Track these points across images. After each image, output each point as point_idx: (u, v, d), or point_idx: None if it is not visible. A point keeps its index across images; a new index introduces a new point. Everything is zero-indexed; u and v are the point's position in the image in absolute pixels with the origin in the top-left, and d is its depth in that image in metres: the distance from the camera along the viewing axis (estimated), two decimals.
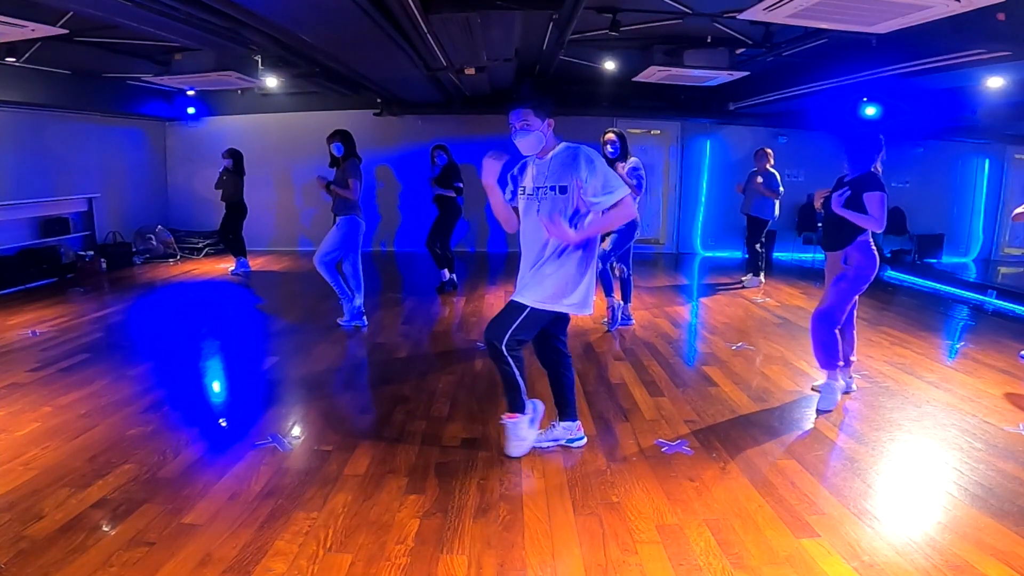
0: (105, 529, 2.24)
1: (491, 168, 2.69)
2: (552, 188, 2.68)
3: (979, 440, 3.07)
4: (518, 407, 2.81)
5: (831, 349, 3.48)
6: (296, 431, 3.12)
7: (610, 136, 4.69)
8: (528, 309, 2.68)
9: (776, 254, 9.70)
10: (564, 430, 2.94)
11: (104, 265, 7.59)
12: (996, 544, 2.20)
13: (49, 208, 7.31)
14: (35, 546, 2.12)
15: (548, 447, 2.91)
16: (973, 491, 2.58)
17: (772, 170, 6.76)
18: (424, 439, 3.03)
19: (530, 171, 2.79)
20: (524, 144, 2.67)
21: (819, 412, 3.42)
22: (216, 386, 3.88)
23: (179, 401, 3.51)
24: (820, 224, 3.69)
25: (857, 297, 3.55)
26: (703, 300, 6.57)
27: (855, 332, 3.77)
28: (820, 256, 9.57)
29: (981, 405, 3.55)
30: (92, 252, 7.66)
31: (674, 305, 6.26)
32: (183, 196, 9.39)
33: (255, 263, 7.98)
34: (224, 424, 3.23)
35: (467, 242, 9.57)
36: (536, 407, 2.88)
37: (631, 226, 4.75)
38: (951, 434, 3.16)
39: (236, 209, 7.44)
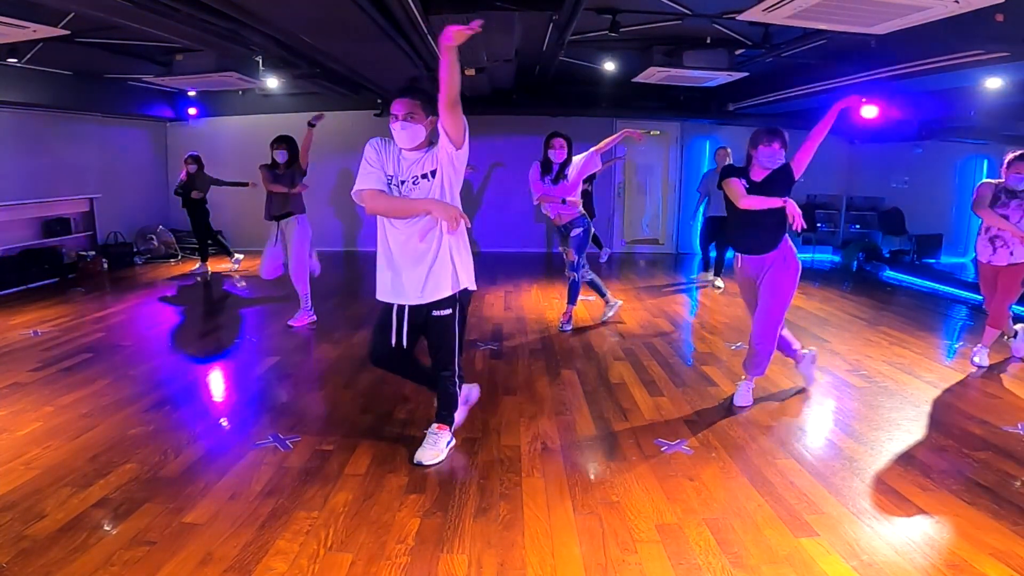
0: (106, 528, 2.24)
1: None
2: (424, 176, 2.57)
3: (977, 440, 3.08)
4: (450, 421, 2.85)
5: (786, 345, 3.60)
6: (296, 431, 3.13)
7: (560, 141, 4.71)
8: (451, 314, 2.68)
9: None
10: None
11: (105, 265, 7.61)
12: (995, 543, 2.21)
13: (51, 208, 7.33)
14: (37, 545, 2.13)
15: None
16: (972, 490, 2.58)
17: None
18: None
19: (393, 159, 2.62)
20: (405, 136, 2.54)
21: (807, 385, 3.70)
22: (217, 386, 3.88)
23: (180, 401, 3.52)
24: (731, 225, 3.46)
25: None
26: (702, 300, 6.58)
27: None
28: (820, 256, 9.66)
29: (980, 405, 3.56)
30: (93, 252, 7.67)
31: (674, 305, 6.27)
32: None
33: (255, 263, 7.99)
34: (225, 424, 3.24)
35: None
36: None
37: (588, 229, 4.95)
38: (950, 434, 3.16)
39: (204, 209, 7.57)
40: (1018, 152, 3.99)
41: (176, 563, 2.06)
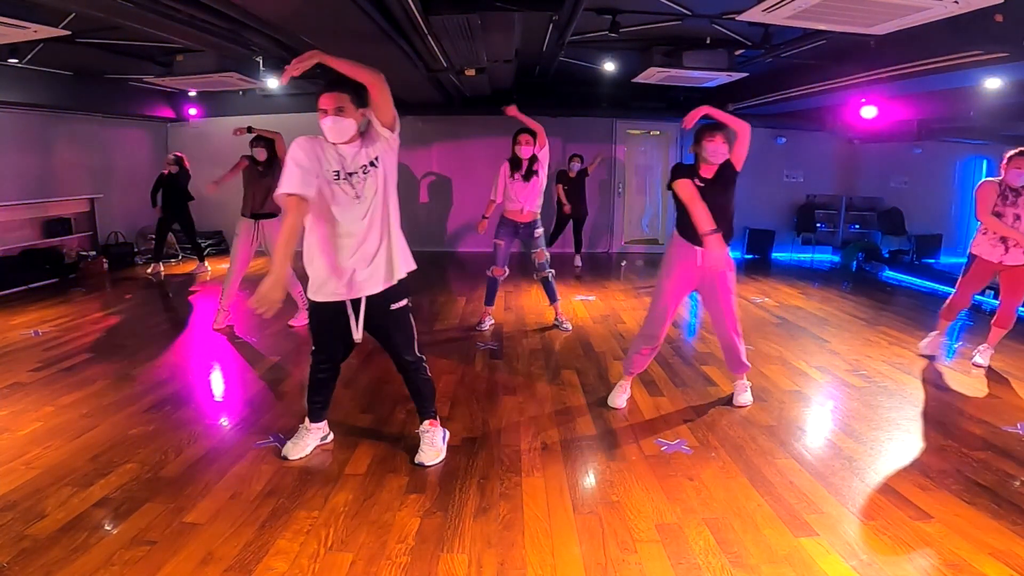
0: (107, 528, 2.25)
1: None
2: (372, 163, 2.53)
3: (977, 440, 3.09)
4: (435, 413, 2.85)
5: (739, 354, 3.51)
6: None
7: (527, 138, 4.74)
8: (407, 304, 2.69)
9: (775, 254, 9.73)
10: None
11: (106, 265, 7.62)
12: (994, 543, 2.21)
13: (51, 208, 7.33)
14: (37, 545, 2.13)
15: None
16: (971, 490, 2.59)
17: None
18: None
19: (330, 155, 2.51)
20: (335, 131, 2.46)
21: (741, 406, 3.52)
22: (217, 386, 3.89)
23: (181, 401, 3.52)
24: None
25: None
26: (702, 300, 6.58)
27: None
28: (819, 256, 9.67)
29: (980, 405, 3.56)
30: (94, 252, 7.68)
31: None
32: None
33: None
34: (225, 424, 3.25)
35: (464, 242, 9.58)
36: None
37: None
38: (949, 434, 3.17)
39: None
40: (1019, 149, 3.97)
41: (177, 563, 2.06)
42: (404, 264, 2.67)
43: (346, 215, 2.51)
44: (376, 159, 2.53)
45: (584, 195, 8.25)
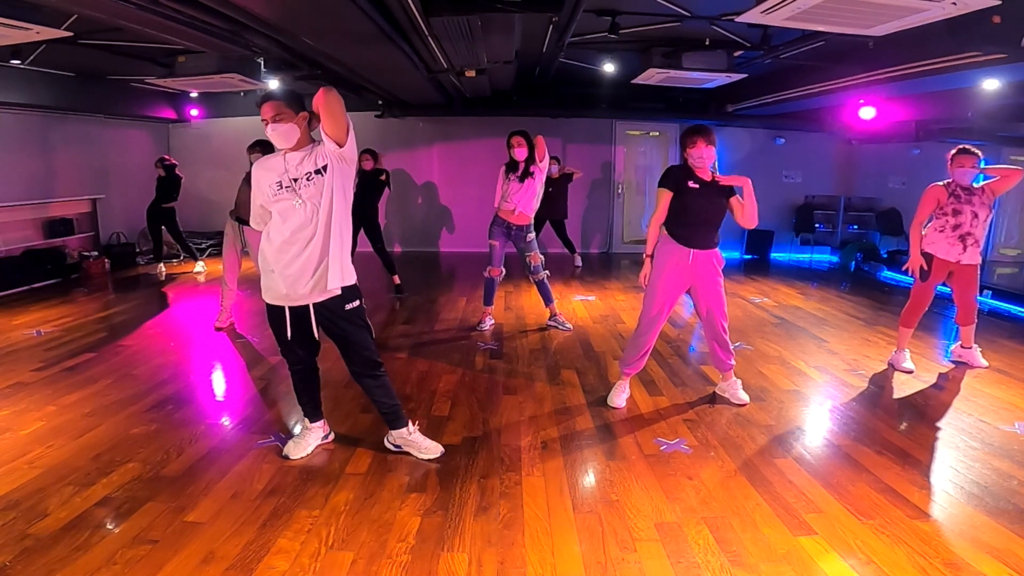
0: (109, 527, 2.26)
1: None
2: (317, 171, 2.53)
3: (975, 439, 3.10)
4: (405, 416, 2.83)
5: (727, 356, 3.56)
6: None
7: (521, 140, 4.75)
8: (359, 304, 2.70)
9: (773, 255, 9.75)
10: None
11: (108, 265, 7.65)
12: (991, 542, 2.23)
13: (54, 209, 7.35)
14: (39, 544, 2.15)
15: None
16: (969, 489, 2.60)
17: None
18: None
19: (282, 168, 2.56)
20: (279, 137, 2.51)
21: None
22: (219, 385, 3.90)
23: (182, 400, 3.54)
24: (689, 218, 3.31)
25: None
26: None
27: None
28: (818, 256, 9.68)
29: (977, 404, 3.57)
30: (96, 252, 7.70)
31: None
32: (186, 197, 9.42)
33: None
34: (227, 423, 3.26)
35: (464, 242, 9.59)
36: None
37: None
38: (947, 433, 3.18)
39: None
40: (959, 147, 3.97)
41: (178, 562, 2.07)
42: (345, 278, 2.64)
43: (288, 221, 2.54)
44: (324, 168, 2.54)
45: (565, 198, 8.25)
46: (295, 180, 2.53)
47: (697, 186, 3.25)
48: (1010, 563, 2.10)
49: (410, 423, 2.89)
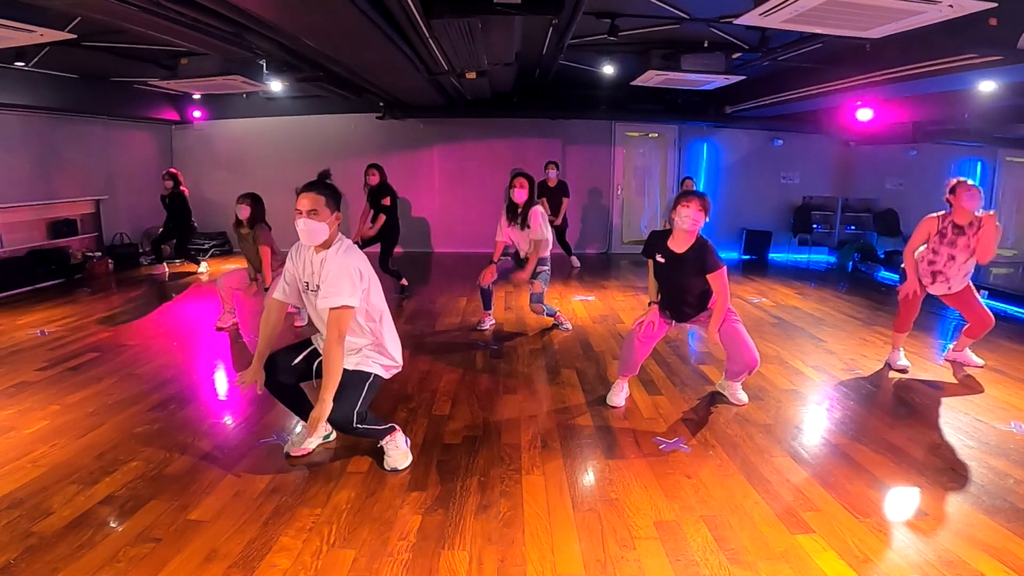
0: (112, 525, 2.28)
1: None
2: (319, 286, 2.55)
3: (972, 438, 3.12)
4: (387, 430, 2.77)
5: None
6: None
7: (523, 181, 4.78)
8: (371, 374, 2.66)
9: (771, 255, 9.78)
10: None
11: (111, 266, 7.68)
12: (988, 540, 2.24)
13: (57, 210, 7.37)
14: (43, 542, 2.16)
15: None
16: (966, 488, 2.62)
17: None
18: (426, 437, 3.08)
19: (306, 263, 2.63)
20: (308, 233, 2.50)
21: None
22: (221, 384, 3.92)
23: (185, 399, 3.55)
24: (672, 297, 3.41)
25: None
26: None
27: None
28: (815, 257, 9.71)
29: (974, 404, 3.59)
30: (100, 253, 7.73)
31: None
32: (189, 198, 9.47)
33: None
34: (229, 422, 3.28)
35: (464, 243, 9.61)
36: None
37: (549, 269, 4.96)
38: (944, 432, 3.20)
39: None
40: (957, 179, 3.95)
41: (181, 559, 2.09)
42: (359, 364, 2.67)
43: (313, 314, 2.72)
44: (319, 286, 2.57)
45: (561, 207, 8.22)
46: (317, 288, 2.56)
47: (663, 260, 3.28)
48: (1006, 561, 2.12)
49: (393, 435, 2.79)
